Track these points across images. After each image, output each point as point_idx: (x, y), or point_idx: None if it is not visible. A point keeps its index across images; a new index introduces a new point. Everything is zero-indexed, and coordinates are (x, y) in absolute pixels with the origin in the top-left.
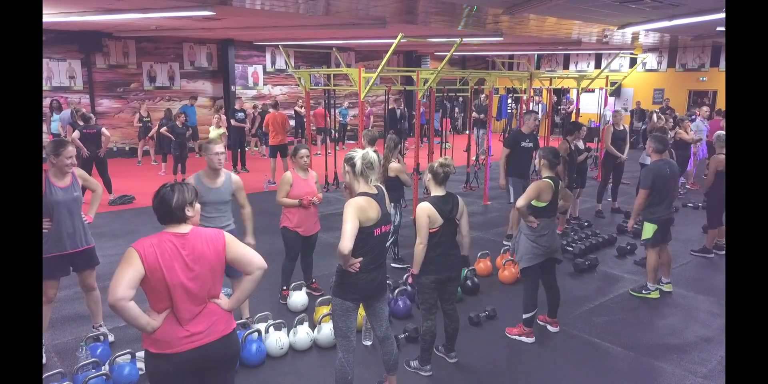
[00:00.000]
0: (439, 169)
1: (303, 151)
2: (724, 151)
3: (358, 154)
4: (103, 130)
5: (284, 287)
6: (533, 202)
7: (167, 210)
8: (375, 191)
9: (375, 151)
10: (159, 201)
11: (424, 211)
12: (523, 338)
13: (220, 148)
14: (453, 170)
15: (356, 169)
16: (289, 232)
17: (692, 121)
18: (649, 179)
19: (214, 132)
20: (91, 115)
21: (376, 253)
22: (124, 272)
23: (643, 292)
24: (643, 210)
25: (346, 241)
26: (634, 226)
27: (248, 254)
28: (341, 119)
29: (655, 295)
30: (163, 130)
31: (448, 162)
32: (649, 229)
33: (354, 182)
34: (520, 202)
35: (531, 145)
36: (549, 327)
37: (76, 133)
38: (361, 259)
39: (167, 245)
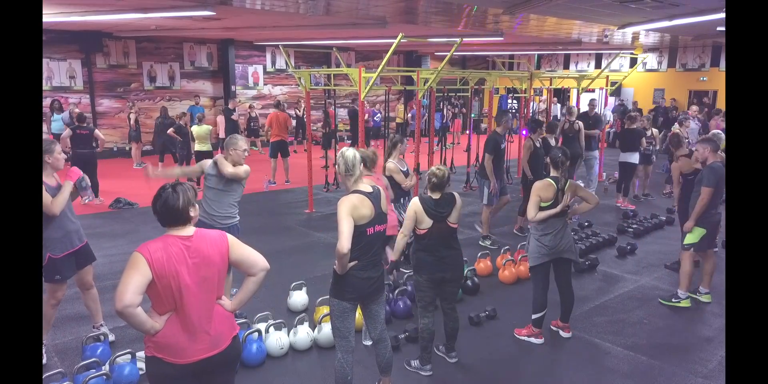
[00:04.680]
0: (431, 177)
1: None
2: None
3: (340, 154)
4: (97, 131)
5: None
6: None
7: (174, 213)
8: (369, 190)
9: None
10: (163, 204)
11: (414, 205)
12: (532, 339)
13: (245, 144)
14: (444, 180)
15: (340, 170)
16: None
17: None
18: (714, 179)
19: (199, 129)
20: (86, 115)
21: (371, 253)
22: (131, 278)
23: (673, 300)
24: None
25: (344, 240)
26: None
27: (252, 256)
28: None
29: (685, 303)
30: (170, 131)
31: (441, 172)
32: (696, 233)
33: (345, 181)
34: (530, 213)
35: (504, 145)
36: (561, 332)
37: (68, 132)
38: (356, 262)
39: (174, 249)
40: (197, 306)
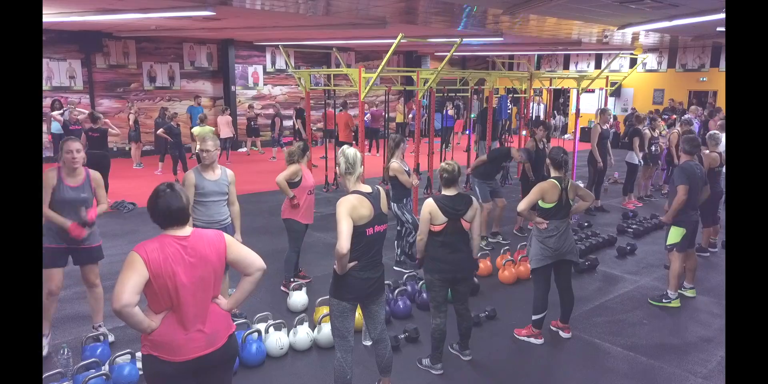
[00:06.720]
0: (441, 173)
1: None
2: (717, 150)
3: (340, 153)
4: (109, 130)
5: (291, 279)
6: (540, 204)
7: (173, 214)
8: (369, 190)
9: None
10: (162, 206)
11: (427, 206)
12: (532, 340)
13: (206, 145)
14: (456, 174)
15: (341, 169)
16: (294, 221)
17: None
18: (684, 177)
19: (201, 130)
20: (98, 115)
21: (371, 253)
22: (128, 278)
23: (663, 301)
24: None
25: (343, 241)
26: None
27: (249, 256)
28: None
29: (675, 304)
30: (159, 131)
31: (450, 167)
32: (676, 233)
33: (345, 181)
34: (521, 205)
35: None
36: (561, 333)
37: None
38: (356, 263)
39: (170, 249)
40: (193, 305)
